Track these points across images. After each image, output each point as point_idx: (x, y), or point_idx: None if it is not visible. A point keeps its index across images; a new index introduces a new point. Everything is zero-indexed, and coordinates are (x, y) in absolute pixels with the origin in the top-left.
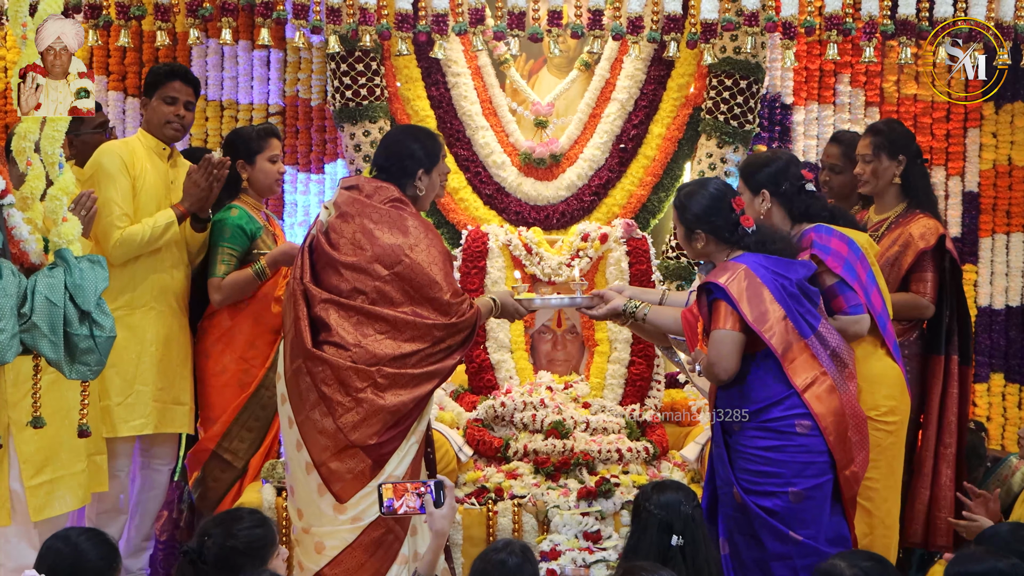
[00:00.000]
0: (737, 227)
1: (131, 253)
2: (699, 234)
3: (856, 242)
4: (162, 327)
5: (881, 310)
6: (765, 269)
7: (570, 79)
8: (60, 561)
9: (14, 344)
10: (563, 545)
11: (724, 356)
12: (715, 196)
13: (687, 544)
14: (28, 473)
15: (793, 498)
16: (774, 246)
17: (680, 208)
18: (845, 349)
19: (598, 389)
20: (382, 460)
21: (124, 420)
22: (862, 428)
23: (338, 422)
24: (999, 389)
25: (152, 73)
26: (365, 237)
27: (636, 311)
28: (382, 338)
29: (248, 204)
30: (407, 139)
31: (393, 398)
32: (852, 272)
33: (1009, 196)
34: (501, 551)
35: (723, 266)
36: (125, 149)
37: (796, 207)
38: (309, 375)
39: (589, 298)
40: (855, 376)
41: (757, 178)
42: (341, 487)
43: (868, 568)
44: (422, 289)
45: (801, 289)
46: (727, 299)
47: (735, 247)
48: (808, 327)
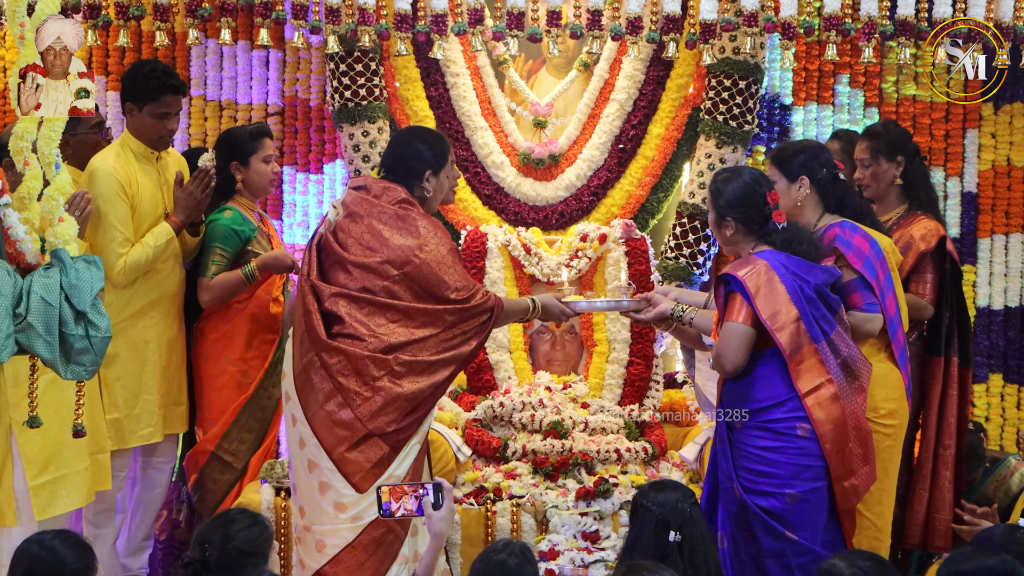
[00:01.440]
0: (768, 221)
1: (136, 276)
2: (729, 221)
3: (879, 244)
4: (163, 334)
5: (894, 315)
6: (785, 269)
7: (569, 79)
8: (36, 565)
9: (9, 344)
10: (562, 545)
11: (732, 348)
12: (750, 185)
13: (685, 541)
14: (31, 473)
15: (790, 500)
16: (800, 247)
17: (715, 193)
18: (859, 360)
19: (597, 389)
20: (399, 445)
21: (132, 431)
22: (866, 442)
23: (356, 412)
24: (998, 390)
25: (140, 80)
26: (374, 238)
27: (683, 315)
28: (395, 326)
29: (242, 205)
30: (415, 140)
31: (411, 385)
32: (872, 271)
33: (1008, 197)
34: (501, 551)
35: (745, 259)
36: (119, 167)
37: (831, 196)
38: (324, 367)
39: (637, 302)
40: (865, 390)
41: (795, 164)
42: (361, 477)
43: (868, 568)
44: (431, 288)
45: (819, 294)
46: (743, 292)
47: (761, 241)
48: (821, 333)
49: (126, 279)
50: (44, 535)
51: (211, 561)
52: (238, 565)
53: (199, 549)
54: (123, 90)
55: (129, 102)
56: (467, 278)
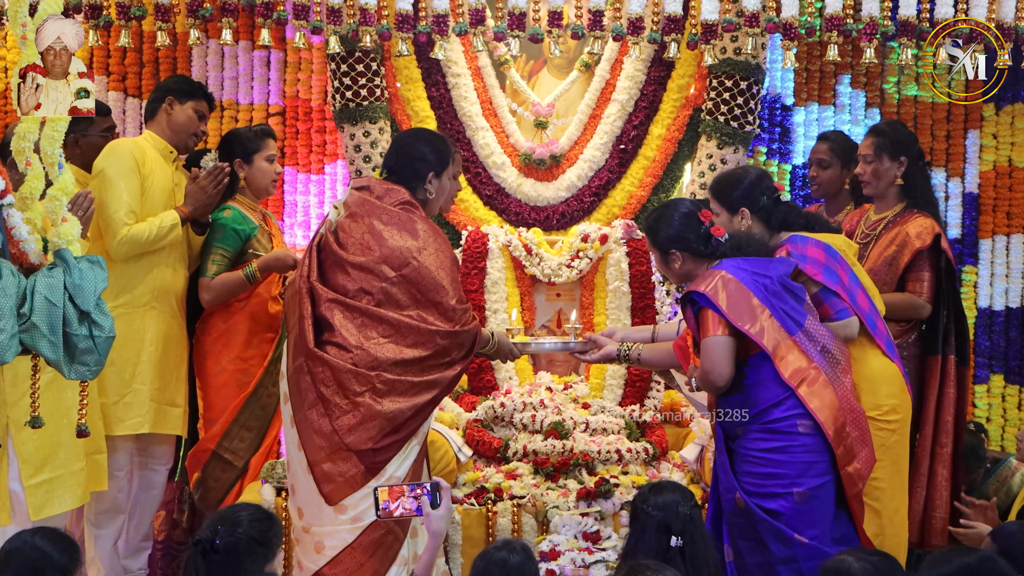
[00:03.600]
0: (710, 239)
1: (134, 251)
2: (675, 254)
3: (832, 246)
4: (161, 327)
5: (869, 309)
6: (744, 271)
7: (570, 80)
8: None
9: (13, 344)
10: (562, 545)
11: (717, 362)
12: (683, 214)
13: (686, 545)
14: (27, 472)
15: (799, 498)
16: (749, 249)
17: (651, 233)
18: (836, 345)
19: (598, 390)
20: (376, 467)
21: (120, 419)
22: (861, 423)
23: (335, 423)
24: (999, 390)
25: (185, 82)
26: (374, 238)
27: (630, 353)
28: (385, 342)
29: (243, 205)
30: (417, 142)
31: (391, 404)
32: (833, 277)
33: (1009, 197)
34: (502, 549)
35: (702, 275)
36: (136, 148)
37: (775, 219)
38: (309, 374)
39: (583, 343)
40: (849, 371)
41: (733, 197)
42: (331, 489)
43: (876, 562)
44: (428, 292)
45: (784, 286)
46: (711, 306)
47: (712, 258)
48: (794, 324)
49: (125, 251)
50: (24, 533)
51: (219, 544)
52: (245, 552)
53: (209, 531)
54: (163, 89)
55: (172, 96)
56: (462, 291)
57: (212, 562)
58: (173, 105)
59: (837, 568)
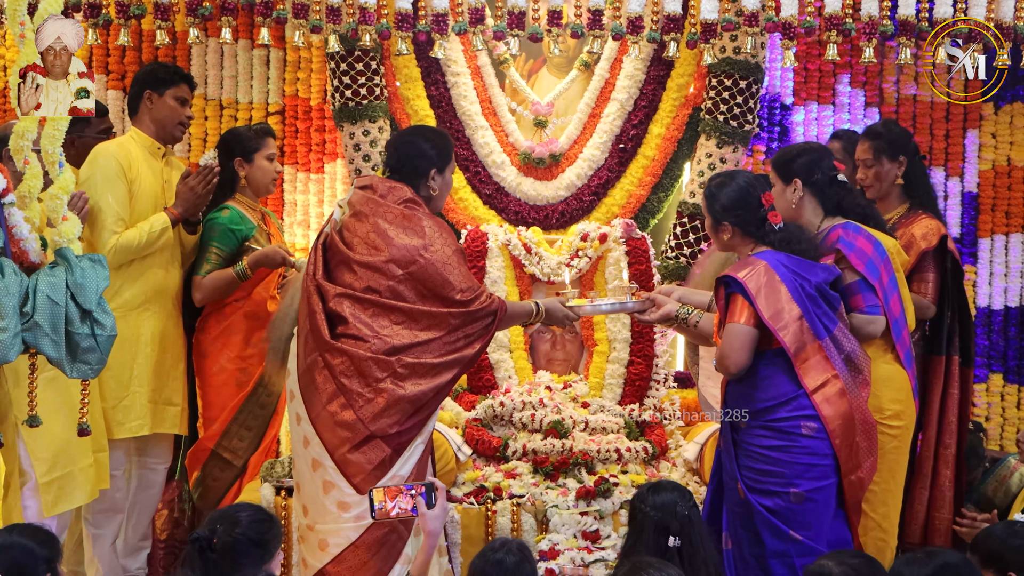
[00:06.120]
0: (764, 222)
1: (126, 258)
2: (725, 225)
3: (883, 245)
4: (156, 328)
5: (899, 315)
6: (785, 268)
7: (570, 79)
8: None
9: (16, 343)
10: (562, 544)
11: (735, 349)
12: (744, 188)
13: (684, 545)
14: (41, 470)
15: (794, 499)
16: (798, 246)
17: (709, 198)
18: (860, 355)
19: (597, 389)
20: (402, 447)
21: (120, 423)
22: (871, 435)
23: (359, 413)
24: (998, 389)
25: (160, 70)
26: (380, 237)
27: (688, 317)
28: (398, 328)
29: (242, 204)
30: (418, 139)
31: (413, 387)
32: (875, 272)
33: (1008, 197)
34: (499, 550)
35: (744, 261)
36: (121, 152)
37: (828, 199)
38: (327, 368)
39: (641, 302)
40: (869, 384)
41: (790, 167)
42: (362, 479)
43: (856, 565)
44: (436, 289)
45: (820, 292)
46: (744, 293)
47: (760, 242)
48: (824, 329)
49: (116, 260)
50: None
51: (216, 543)
52: (242, 552)
53: (207, 529)
54: (140, 83)
55: (149, 89)
56: (472, 279)
57: (208, 560)
58: (152, 99)
59: (819, 572)
